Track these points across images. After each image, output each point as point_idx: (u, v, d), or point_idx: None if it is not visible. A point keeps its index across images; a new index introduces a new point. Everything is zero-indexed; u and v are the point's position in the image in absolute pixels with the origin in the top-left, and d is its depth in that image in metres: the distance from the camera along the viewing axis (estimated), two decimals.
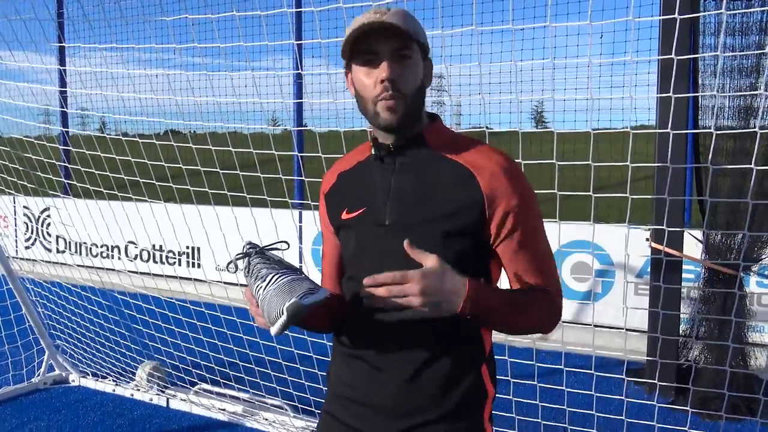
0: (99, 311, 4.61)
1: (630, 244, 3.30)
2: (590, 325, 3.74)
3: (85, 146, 4.20)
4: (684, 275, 4.37)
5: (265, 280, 1.27)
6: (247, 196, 3.78)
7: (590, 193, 2.77)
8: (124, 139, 4.13)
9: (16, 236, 8.64)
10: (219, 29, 3.49)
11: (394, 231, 1.39)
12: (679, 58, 2.62)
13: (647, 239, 4.34)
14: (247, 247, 1.38)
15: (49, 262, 6.54)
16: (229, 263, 1.40)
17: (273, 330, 1.23)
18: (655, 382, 3.68)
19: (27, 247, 8.54)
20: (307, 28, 6.90)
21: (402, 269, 1.23)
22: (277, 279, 1.26)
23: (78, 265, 5.90)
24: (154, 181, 4.05)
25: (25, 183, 4.55)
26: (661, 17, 3.64)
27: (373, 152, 1.45)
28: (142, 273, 6.27)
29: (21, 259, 7.19)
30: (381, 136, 1.45)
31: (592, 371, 3.26)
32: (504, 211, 1.37)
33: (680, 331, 4.36)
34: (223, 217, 3.90)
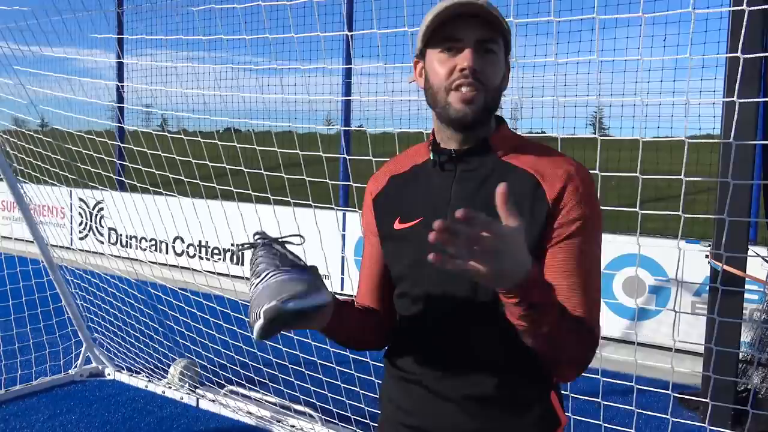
0: (137, 305, 4.60)
1: (689, 260, 3.03)
2: (641, 344, 3.47)
3: (144, 141, 4.20)
4: (746, 295, 4.03)
5: (259, 276, 1.13)
6: (291, 199, 3.69)
7: (636, 209, 2.54)
8: (174, 136, 4.11)
9: (71, 227, 8.87)
10: (271, 27, 3.39)
11: None
12: (746, 57, 2.35)
13: (707, 256, 4.03)
14: (256, 237, 1.24)
15: (99, 253, 6.65)
16: (237, 248, 1.26)
17: (253, 334, 1.09)
18: (709, 406, 3.38)
19: (81, 239, 8.75)
20: (357, 27, 6.80)
21: (465, 288, 1.18)
22: (270, 276, 1.12)
23: (126, 258, 5.97)
24: (197, 180, 4.01)
25: (80, 178, 4.58)
26: (731, 8, 3.30)
27: (431, 157, 1.32)
28: (182, 268, 6.29)
29: (74, 249, 7.35)
30: (445, 139, 1.31)
31: (635, 391, 3.00)
32: (566, 220, 1.21)
33: (740, 356, 4.03)
34: (266, 216, 3.82)
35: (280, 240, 1.22)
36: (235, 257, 7.38)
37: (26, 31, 3.70)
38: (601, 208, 1.29)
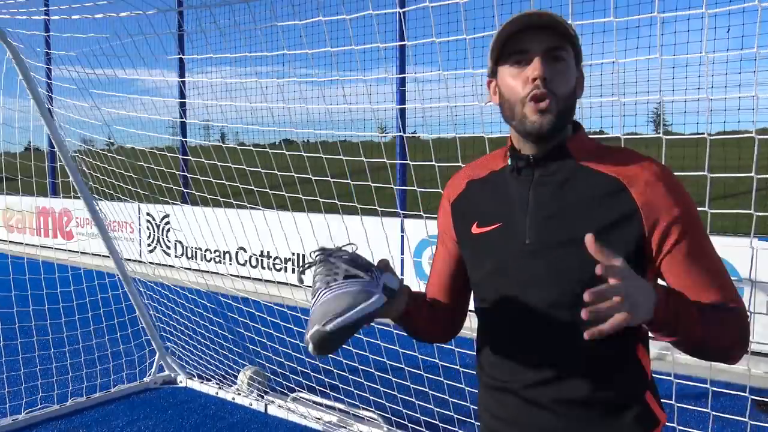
0: (206, 314, 4.77)
1: (762, 258, 2.92)
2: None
3: (204, 156, 4.36)
4: None
5: (314, 297, 1.20)
6: (338, 203, 3.75)
7: (705, 208, 2.47)
8: (243, 148, 4.25)
9: (140, 241, 9.23)
10: (331, 38, 3.48)
11: (537, 251, 1.27)
12: None
13: None
14: (314, 254, 1.29)
15: (168, 265, 6.91)
16: (299, 271, 1.32)
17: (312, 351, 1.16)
18: None
19: (150, 251, 9.10)
20: (410, 35, 6.85)
21: (548, 293, 1.21)
22: (321, 295, 1.18)
23: (191, 269, 6.18)
24: (252, 188, 4.13)
25: (148, 192, 4.78)
26: None
27: (509, 162, 1.34)
28: (244, 278, 6.46)
29: (142, 262, 7.65)
30: (522, 145, 1.33)
31: (710, 394, 2.92)
32: (667, 223, 1.21)
33: None
34: (324, 225, 3.90)
35: (335, 252, 1.26)
36: (294, 268, 7.52)
37: (101, 56, 3.91)
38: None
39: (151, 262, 7.65)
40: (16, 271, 4.79)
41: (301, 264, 7.47)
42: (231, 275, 6.91)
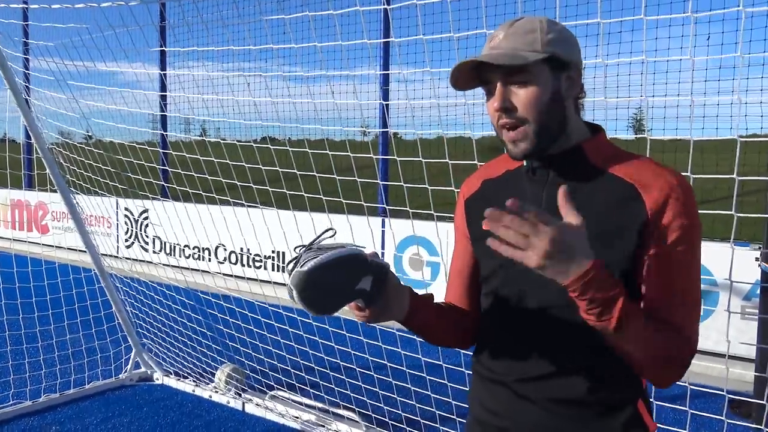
0: (184, 311, 4.71)
1: (737, 262, 2.97)
2: None
3: (185, 151, 4.31)
4: None
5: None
6: (324, 198, 3.74)
7: None
8: (222, 142, 4.21)
9: (118, 236, 9.11)
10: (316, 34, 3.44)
11: None
12: None
13: (757, 259, 3.93)
14: (296, 249, 1.27)
15: (146, 261, 6.82)
16: (287, 269, 1.27)
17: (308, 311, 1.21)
18: (766, 408, 3.29)
19: (127, 247, 8.98)
20: (396, 34, 6.85)
21: (549, 293, 1.21)
22: (302, 259, 1.21)
23: (170, 266, 6.11)
24: (237, 183, 4.09)
25: (126, 187, 4.72)
26: None
27: (524, 163, 1.35)
28: (226, 275, 6.41)
29: (120, 257, 7.55)
30: None
31: (688, 394, 2.95)
32: (667, 229, 1.21)
33: None
34: (308, 221, 3.88)
35: (315, 240, 1.25)
36: (276, 265, 7.48)
37: (81, 47, 3.84)
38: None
39: (128, 258, 7.55)
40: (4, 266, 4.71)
41: (284, 260, 7.43)
42: (211, 272, 6.85)
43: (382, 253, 6.29)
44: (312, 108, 3.77)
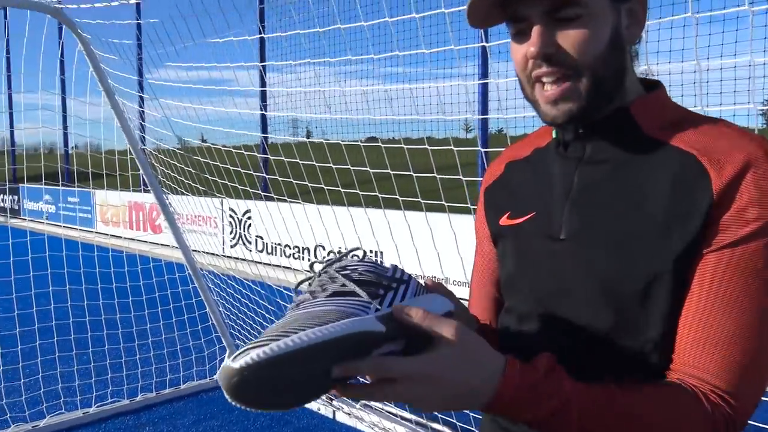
0: (280, 313, 4.60)
1: None
2: None
3: (285, 153, 4.23)
4: None
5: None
6: (422, 201, 3.46)
7: None
8: (324, 142, 4.08)
9: (223, 237, 9.32)
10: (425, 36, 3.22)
11: (571, 251, 0.94)
12: None
13: None
14: (314, 264, 0.90)
15: (248, 260, 6.85)
16: (295, 290, 0.91)
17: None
18: None
19: (231, 246, 9.16)
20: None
21: (578, 310, 0.91)
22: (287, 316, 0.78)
23: (270, 265, 6.07)
24: (339, 188, 3.91)
25: (233, 184, 4.69)
26: None
27: (554, 135, 1.02)
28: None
29: (226, 257, 7.68)
30: None
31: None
32: (732, 219, 0.82)
33: None
34: (405, 222, 3.63)
35: (337, 261, 0.86)
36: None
37: (186, 55, 3.86)
38: None
39: (231, 257, 7.66)
40: (102, 265, 4.83)
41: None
42: (302, 271, 6.77)
43: None
44: (413, 105, 3.54)
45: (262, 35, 5.21)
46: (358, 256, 0.87)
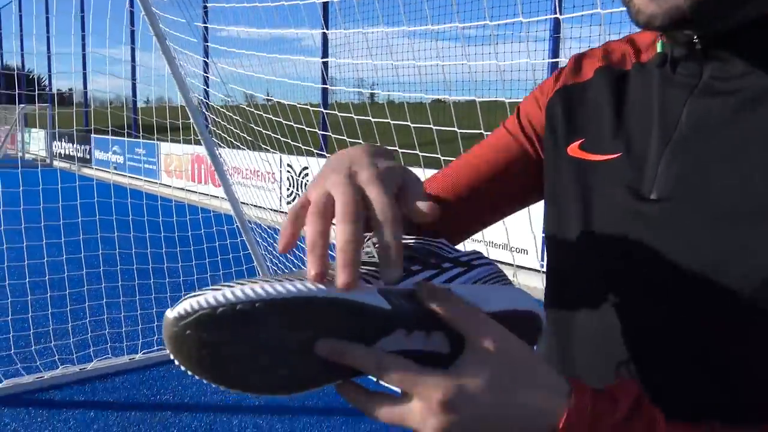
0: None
1: None
2: None
3: (344, 111, 4.10)
4: None
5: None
6: None
7: None
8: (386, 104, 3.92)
9: (281, 192, 9.31)
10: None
11: (666, 217, 0.65)
12: None
13: None
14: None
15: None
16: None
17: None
18: None
19: (288, 203, 9.14)
20: None
21: (675, 302, 0.62)
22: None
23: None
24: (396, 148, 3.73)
25: (294, 143, 4.60)
26: None
27: (658, 48, 0.72)
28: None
29: (283, 213, 7.65)
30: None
31: None
32: None
33: None
34: None
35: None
36: None
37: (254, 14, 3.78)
38: None
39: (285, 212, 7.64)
40: (165, 214, 4.85)
41: None
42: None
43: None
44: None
45: None
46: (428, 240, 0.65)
